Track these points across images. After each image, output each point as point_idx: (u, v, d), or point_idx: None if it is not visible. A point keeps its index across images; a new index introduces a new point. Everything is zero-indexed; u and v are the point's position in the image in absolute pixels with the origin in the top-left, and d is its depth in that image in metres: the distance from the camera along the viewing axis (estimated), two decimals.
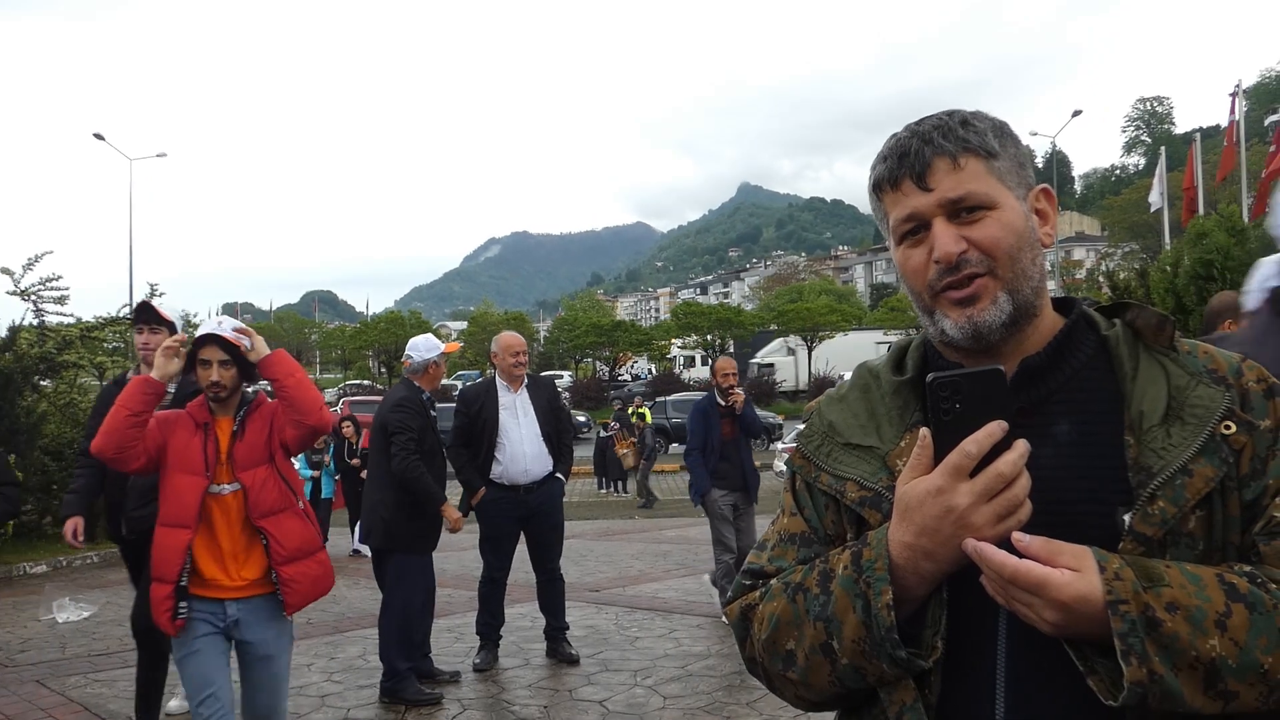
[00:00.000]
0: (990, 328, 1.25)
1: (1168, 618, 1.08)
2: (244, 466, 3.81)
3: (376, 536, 6.04)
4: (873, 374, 1.44)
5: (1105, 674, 1.10)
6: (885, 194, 1.33)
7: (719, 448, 7.80)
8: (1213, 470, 1.17)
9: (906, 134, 1.31)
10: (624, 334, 55.69)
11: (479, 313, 79.50)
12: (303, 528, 3.89)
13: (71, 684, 6.51)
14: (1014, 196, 1.29)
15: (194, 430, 3.86)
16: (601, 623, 7.87)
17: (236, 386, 3.87)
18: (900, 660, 1.19)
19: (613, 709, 5.64)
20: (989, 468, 1.14)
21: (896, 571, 1.19)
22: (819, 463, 1.38)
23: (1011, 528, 1.14)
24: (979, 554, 1.13)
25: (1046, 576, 1.10)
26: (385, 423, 6.01)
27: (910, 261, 1.31)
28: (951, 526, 1.15)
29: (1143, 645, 1.07)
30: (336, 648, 7.32)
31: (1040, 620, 1.12)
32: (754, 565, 1.43)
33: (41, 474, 12.52)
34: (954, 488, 1.15)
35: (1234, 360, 1.27)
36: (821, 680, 1.28)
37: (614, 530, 15.13)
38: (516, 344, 6.67)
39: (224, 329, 3.83)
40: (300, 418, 3.83)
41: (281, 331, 64.94)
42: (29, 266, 13.10)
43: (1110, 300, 1.40)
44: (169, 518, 3.79)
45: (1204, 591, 1.10)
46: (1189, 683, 1.07)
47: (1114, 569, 1.10)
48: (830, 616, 1.24)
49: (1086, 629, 1.10)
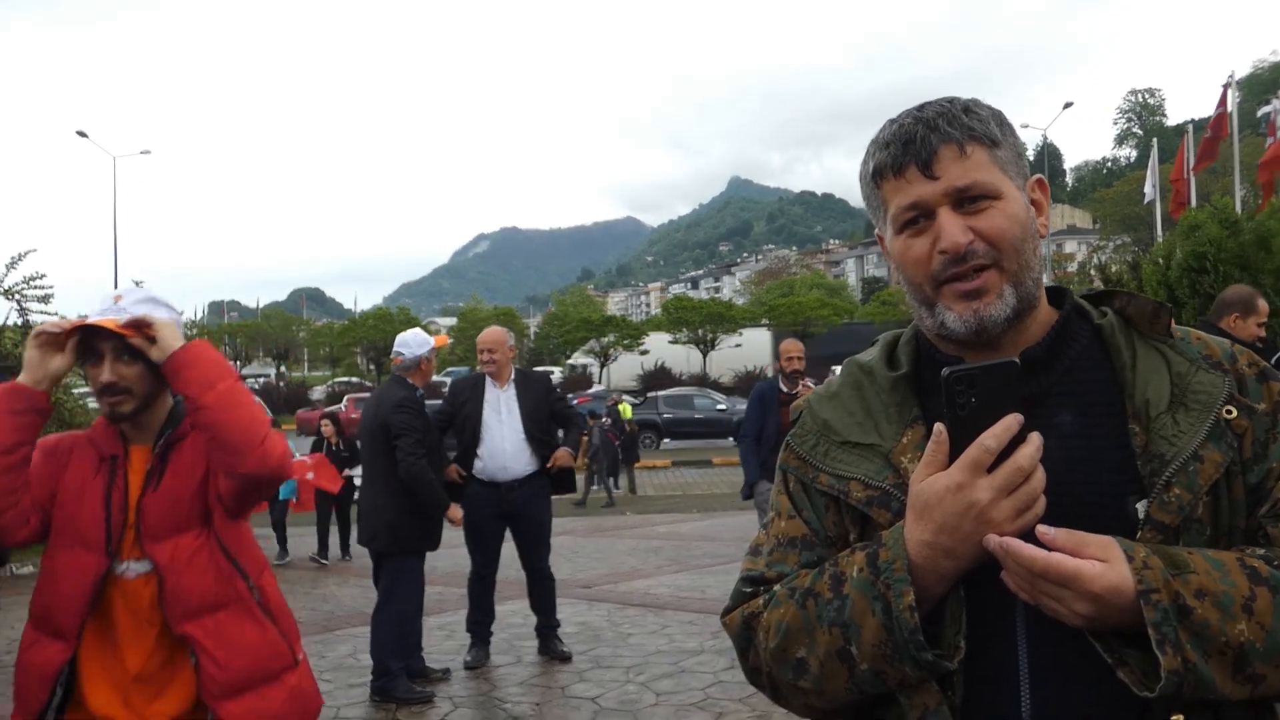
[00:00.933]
0: (995, 322, 1.24)
1: (1198, 605, 1.08)
2: (157, 534, 2.36)
3: (381, 541, 5.94)
4: (864, 370, 1.40)
5: (1136, 665, 1.09)
6: (886, 181, 1.30)
7: (775, 438, 6.97)
8: (1221, 455, 1.17)
9: (910, 120, 1.28)
10: (615, 329, 55.60)
11: (468, 309, 79.35)
12: (258, 635, 2.42)
13: None
14: (1015, 186, 1.28)
15: (95, 469, 2.43)
16: (593, 619, 7.82)
17: (150, 394, 2.42)
18: (925, 663, 1.16)
19: (605, 706, 5.59)
20: (1007, 462, 1.12)
21: (916, 571, 1.17)
22: (816, 463, 1.35)
23: (1030, 522, 1.13)
24: (1006, 549, 1.11)
25: (1079, 568, 1.09)
26: (387, 424, 5.89)
27: (911, 251, 1.28)
28: (973, 523, 1.13)
29: (1176, 634, 1.07)
30: (327, 646, 7.26)
31: (1070, 614, 1.11)
32: (753, 572, 1.38)
33: None
34: (974, 483, 1.13)
35: (1225, 345, 1.28)
36: (837, 687, 1.24)
37: (605, 526, 15.10)
38: (484, 341, 6.60)
39: (116, 311, 2.40)
40: (230, 461, 2.31)
41: (269, 329, 64.69)
42: (12, 265, 12.98)
43: (1095, 291, 1.40)
44: (40, 619, 2.43)
45: (1229, 577, 1.11)
46: (1219, 669, 1.08)
47: (1141, 558, 1.10)
48: (847, 621, 1.21)
49: (1116, 620, 1.10)
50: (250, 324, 69.28)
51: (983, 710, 1.20)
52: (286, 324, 66.56)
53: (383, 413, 5.97)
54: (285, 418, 46.42)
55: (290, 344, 65.32)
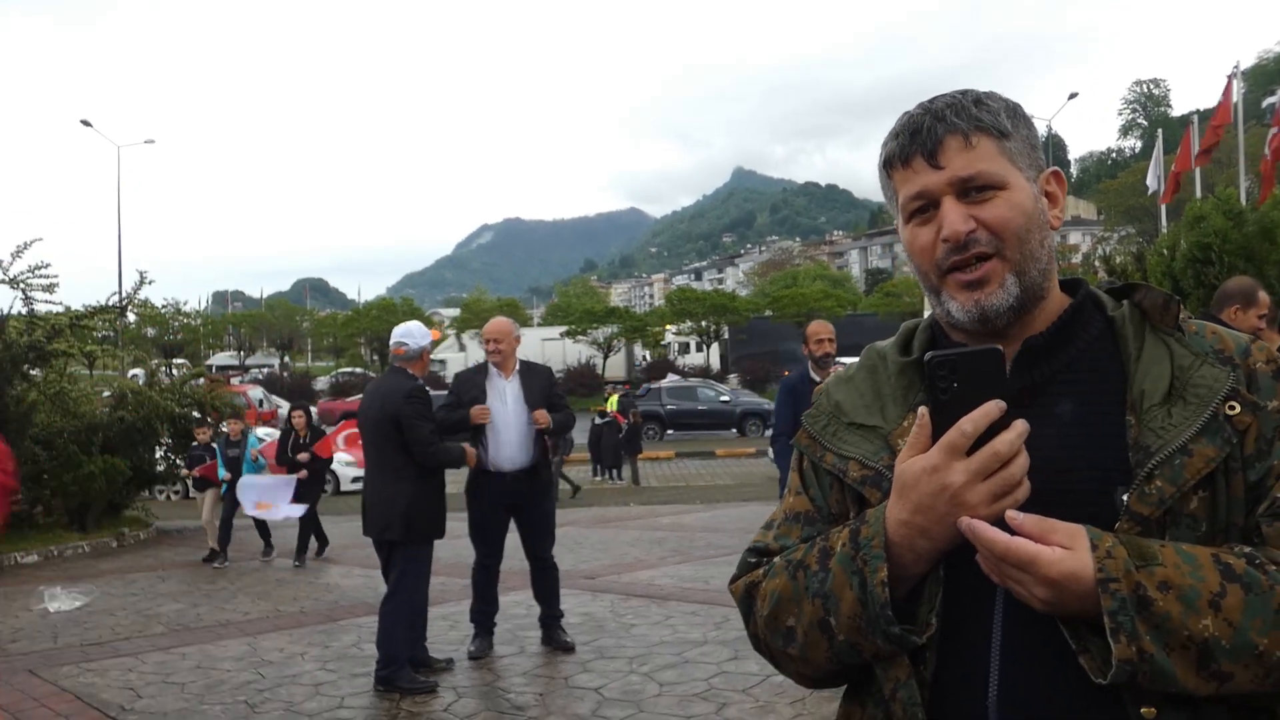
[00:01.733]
0: (997, 312, 1.26)
1: (1159, 597, 1.08)
2: None
3: (396, 530, 5.91)
4: (880, 355, 1.44)
5: (1097, 652, 1.11)
6: (895, 171, 1.33)
7: None
8: (1214, 450, 1.16)
9: (919, 111, 1.31)
10: (618, 320, 55.51)
11: (472, 299, 79.33)
12: None
13: (64, 673, 6.46)
14: (1024, 178, 1.28)
15: None
16: (597, 610, 7.83)
17: None
18: (894, 636, 1.20)
19: (608, 696, 5.60)
20: (985, 447, 1.14)
21: (893, 549, 1.20)
22: (824, 442, 1.39)
23: (1007, 506, 1.15)
24: (972, 531, 1.14)
25: (1037, 553, 1.11)
26: (398, 414, 5.90)
27: (918, 240, 1.31)
28: (946, 504, 1.16)
29: (1133, 624, 1.07)
30: (330, 636, 7.28)
31: (1032, 597, 1.13)
32: (759, 543, 1.43)
33: (32, 463, 12.45)
34: (949, 466, 1.15)
35: (1243, 340, 1.27)
36: (819, 656, 1.29)
37: (609, 517, 15.11)
38: (491, 331, 6.62)
39: None
40: None
41: (273, 319, 64.62)
42: (17, 254, 12.98)
43: (1113, 284, 1.40)
44: None
45: (1198, 571, 1.10)
46: (1181, 662, 1.07)
47: (1106, 547, 1.11)
48: (828, 593, 1.25)
49: (1078, 607, 1.11)
50: (254, 314, 69.25)
51: (952, 687, 1.22)
52: (290, 314, 66.50)
53: (392, 404, 5.96)
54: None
55: (294, 334, 65.26)
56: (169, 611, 8.44)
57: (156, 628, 7.83)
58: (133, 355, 19.71)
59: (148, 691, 5.98)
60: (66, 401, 13.58)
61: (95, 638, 7.51)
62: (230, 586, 9.69)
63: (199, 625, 7.88)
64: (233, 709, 5.57)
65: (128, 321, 32.00)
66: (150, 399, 13.95)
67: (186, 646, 7.11)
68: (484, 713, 5.43)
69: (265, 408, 35.88)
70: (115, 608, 8.64)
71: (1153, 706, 1.10)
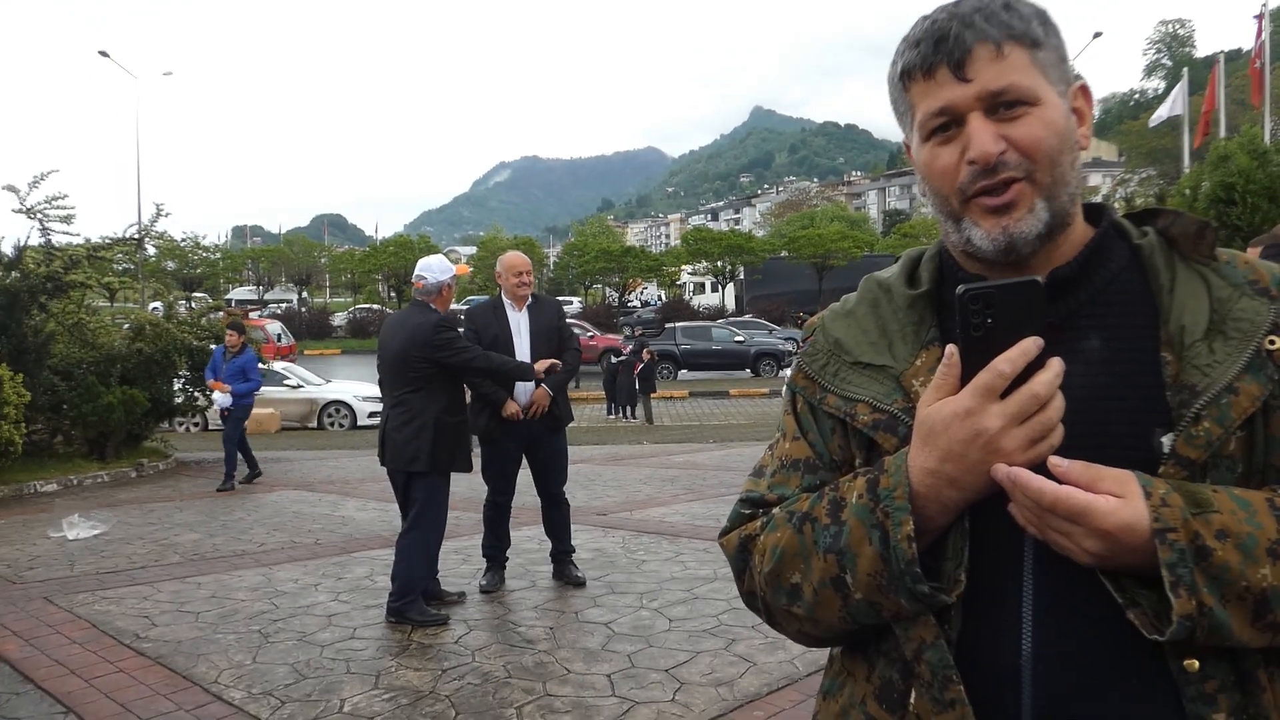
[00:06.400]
0: (1025, 239, 1.14)
1: (1218, 546, 1.00)
2: None
3: (422, 462, 5.88)
4: (882, 287, 1.31)
5: (1149, 607, 1.03)
6: (914, 84, 1.19)
7: None
8: (1259, 388, 1.08)
9: (944, 16, 1.16)
10: (634, 260, 55.30)
11: (488, 237, 79.10)
12: None
13: (79, 601, 6.54)
14: (1055, 92, 1.16)
15: None
16: (608, 546, 7.88)
17: None
18: (921, 595, 1.10)
19: (618, 631, 5.64)
20: (1022, 388, 1.05)
21: (917, 500, 1.10)
22: (824, 383, 1.27)
23: (1044, 453, 1.05)
24: (1014, 480, 1.04)
25: (1090, 503, 1.02)
26: (429, 343, 5.85)
27: (938, 161, 1.18)
28: (980, 451, 1.06)
29: (1192, 576, 0.99)
30: (344, 568, 7.34)
31: (1079, 550, 1.04)
32: (753, 493, 1.32)
33: (51, 393, 12.55)
34: (984, 409, 1.06)
35: (1276, 271, 1.16)
36: (831, 616, 1.19)
37: (622, 455, 15.17)
38: (520, 263, 6.56)
39: None
40: None
41: (291, 254, 64.52)
42: (34, 184, 12.98)
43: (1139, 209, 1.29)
44: None
45: (1255, 518, 1.02)
46: (1237, 614, 1.00)
47: (1160, 495, 1.02)
48: (844, 549, 1.15)
49: (1129, 559, 1.03)
50: (273, 249, 69.11)
51: (981, 647, 1.13)
52: (308, 249, 66.39)
53: (419, 338, 5.89)
54: (309, 343, 46.65)
55: (312, 270, 65.23)
56: (185, 541, 8.53)
57: (173, 557, 7.91)
58: (153, 288, 19.78)
59: (162, 620, 6.05)
60: (85, 332, 13.64)
61: (112, 566, 7.59)
62: (247, 518, 9.77)
63: (215, 555, 7.95)
64: (246, 638, 5.63)
65: (147, 254, 32.09)
66: (168, 331, 14.01)
67: (202, 576, 7.19)
68: (494, 645, 5.48)
69: (284, 342, 36.15)
70: (132, 536, 8.73)
71: (1195, 659, 1.04)
